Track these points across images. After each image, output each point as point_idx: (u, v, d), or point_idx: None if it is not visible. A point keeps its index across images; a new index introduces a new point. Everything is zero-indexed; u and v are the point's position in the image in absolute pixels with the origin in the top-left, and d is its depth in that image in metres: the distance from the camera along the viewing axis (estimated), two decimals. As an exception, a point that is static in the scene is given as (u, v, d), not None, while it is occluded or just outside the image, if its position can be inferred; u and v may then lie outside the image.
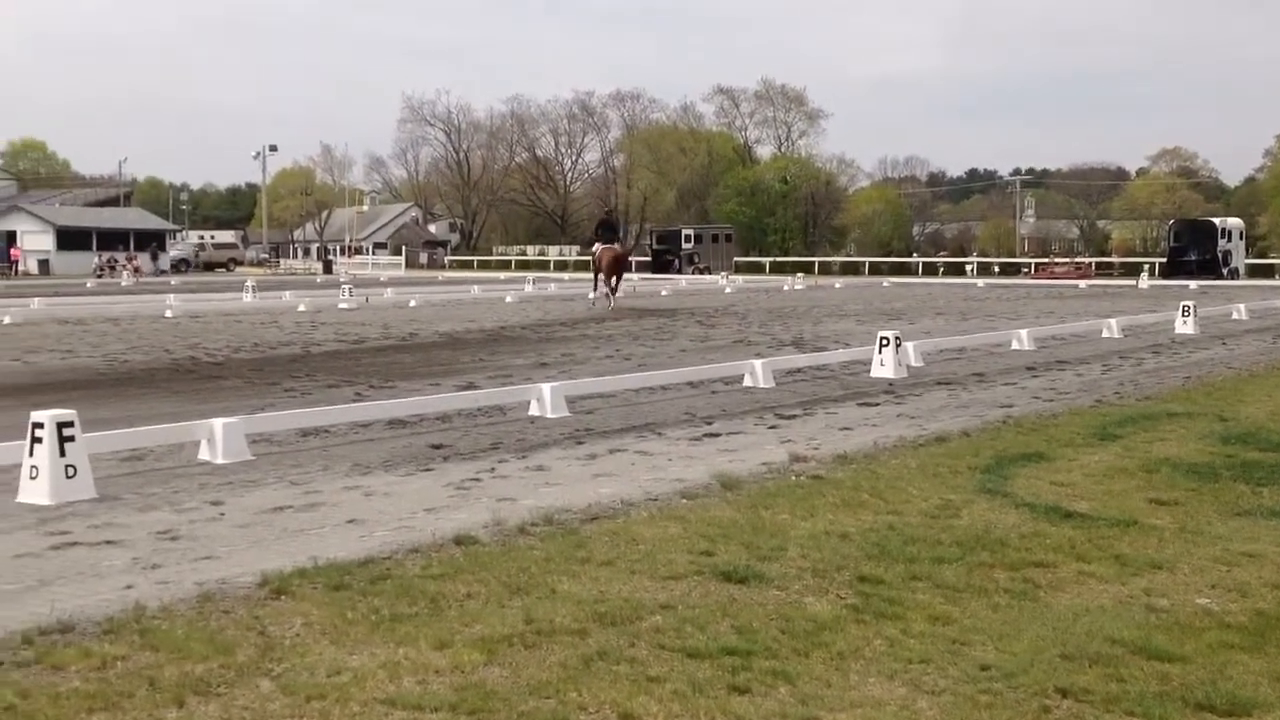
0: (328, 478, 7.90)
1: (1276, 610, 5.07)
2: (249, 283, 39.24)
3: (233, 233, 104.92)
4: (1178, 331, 20.65)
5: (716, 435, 9.76)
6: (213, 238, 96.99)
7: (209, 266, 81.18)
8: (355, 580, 5.35)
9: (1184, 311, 21.12)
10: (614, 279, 31.36)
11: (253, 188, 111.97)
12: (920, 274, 65.08)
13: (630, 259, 35.98)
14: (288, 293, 36.68)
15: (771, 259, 75.27)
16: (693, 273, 60.70)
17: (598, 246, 32.43)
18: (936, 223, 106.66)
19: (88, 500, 7.08)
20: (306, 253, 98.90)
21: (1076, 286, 45.76)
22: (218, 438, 8.40)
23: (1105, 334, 19.79)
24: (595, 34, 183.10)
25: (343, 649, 4.49)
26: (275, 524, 6.59)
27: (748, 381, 13.03)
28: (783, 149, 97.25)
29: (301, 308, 30.42)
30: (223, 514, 6.83)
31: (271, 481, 7.76)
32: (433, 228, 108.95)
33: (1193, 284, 42.47)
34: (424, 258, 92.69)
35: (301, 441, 9.34)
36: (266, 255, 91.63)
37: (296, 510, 6.93)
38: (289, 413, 9.96)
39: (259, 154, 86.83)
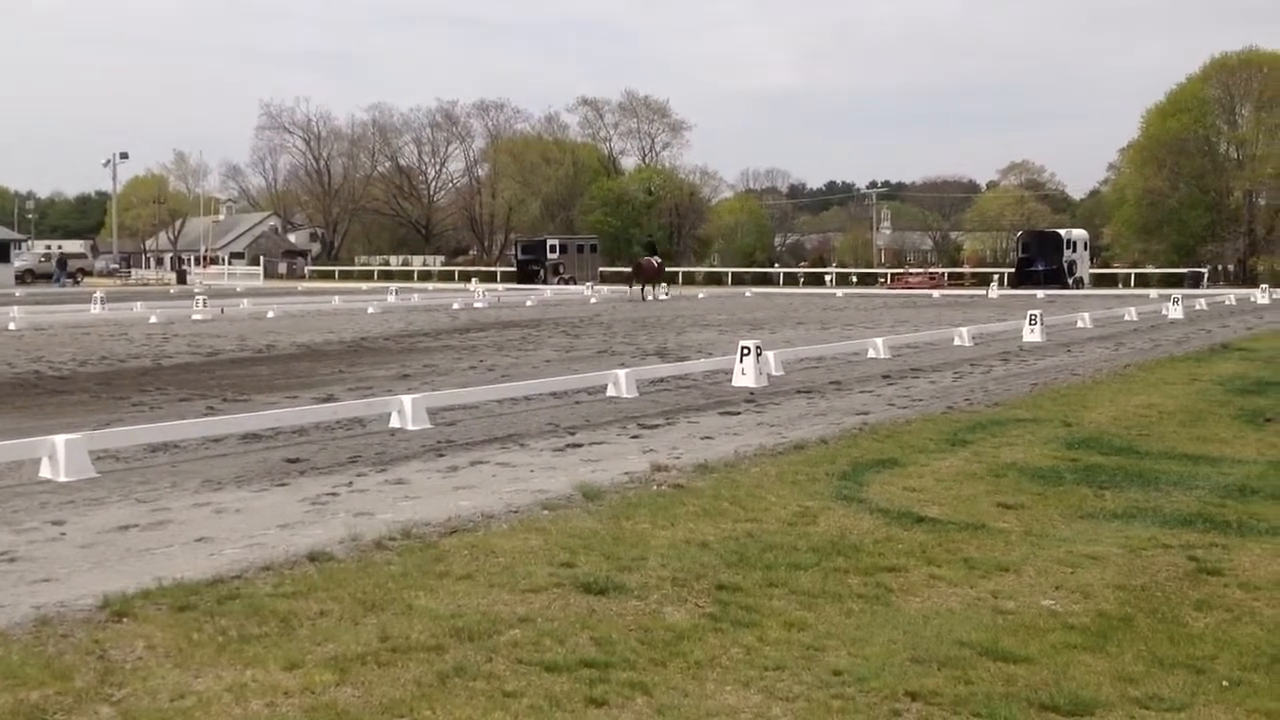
0: (176, 495, 7.66)
1: (1118, 611, 5.24)
2: (98, 294, 37.93)
3: (81, 242, 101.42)
4: (1025, 340, 21.32)
5: (579, 446, 9.75)
6: (60, 247, 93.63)
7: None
8: (202, 600, 5.19)
9: (1031, 320, 21.83)
10: (648, 282, 44.53)
11: (103, 196, 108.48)
12: (782, 284, 66.25)
13: (662, 268, 47.54)
14: (139, 304, 35.54)
15: (636, 269, 75.58)
16: (558, 283, 60.60)
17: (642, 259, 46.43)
18: (797, 234, 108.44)
19: (-83, 522, 6.75)
20: (160, 263, 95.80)
21: (930, 296, 46.95)
22: (59, 455, 8.09)
23: (957, 342, 20.34)
24: (460, 44, 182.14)
25: (187, 672, 4.35)
26: (119, 544, 6.37)
27: (611, 392, 13.05)
28: (647, 160, 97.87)
29: (153, 319, 29.52)
30: (64, 534, 6.57)
31: (116, 500, 7.49)
32: (292, 237, 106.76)
33: (1040, 293, 44.01)
34: (283, 268, 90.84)
35: (150, 458, 9.05)
36: (117, 265, 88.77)
37: (142, 529, 6.70)
38: (136, 428, 9.65)
39: (109, 161, 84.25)
